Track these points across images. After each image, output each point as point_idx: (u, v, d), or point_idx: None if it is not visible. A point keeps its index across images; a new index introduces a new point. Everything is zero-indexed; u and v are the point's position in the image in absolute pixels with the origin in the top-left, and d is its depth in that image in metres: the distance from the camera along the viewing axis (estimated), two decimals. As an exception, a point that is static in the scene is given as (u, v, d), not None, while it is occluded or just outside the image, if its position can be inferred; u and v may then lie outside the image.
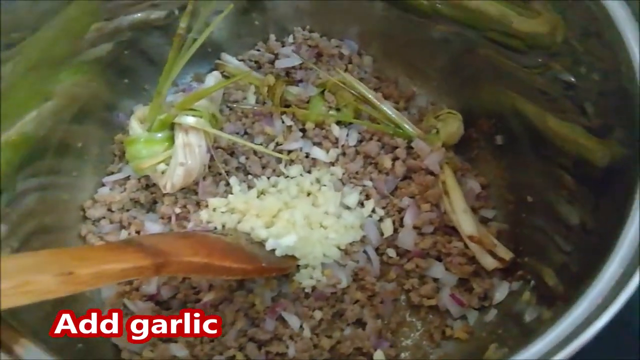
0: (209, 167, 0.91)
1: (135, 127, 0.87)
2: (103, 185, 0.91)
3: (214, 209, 0.88)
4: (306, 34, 1.03)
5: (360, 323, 0.81)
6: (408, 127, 0.92)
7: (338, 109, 0.95)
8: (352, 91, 0.93)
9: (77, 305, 0.77)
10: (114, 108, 0.95)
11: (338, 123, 0.95)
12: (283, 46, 1.03)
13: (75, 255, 0.49)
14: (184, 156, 0.84)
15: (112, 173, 0.92)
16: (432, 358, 0.80)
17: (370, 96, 0.92)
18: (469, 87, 0.93)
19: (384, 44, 1.02)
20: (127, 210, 0.90)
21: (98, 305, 0.81)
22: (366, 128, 0.94)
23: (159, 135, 0.86)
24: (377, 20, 1.00)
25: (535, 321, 0.67)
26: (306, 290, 0.81)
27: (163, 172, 0.85)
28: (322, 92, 0.96)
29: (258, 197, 0.89)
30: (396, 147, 0.92)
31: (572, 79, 0.73)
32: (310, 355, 0.77)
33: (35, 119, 0.78)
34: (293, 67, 1.01)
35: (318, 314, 0.80)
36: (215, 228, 0.85)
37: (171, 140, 0.86)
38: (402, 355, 0.80)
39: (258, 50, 1.04)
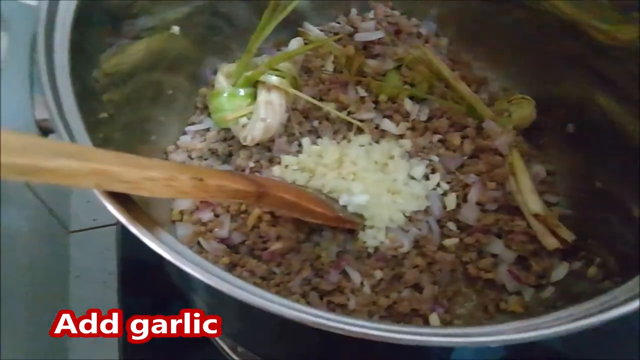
0: (285, 127, 0.95)
1: (222, 81, 0.92)
2: (185, 133, 0.97)
3: (286, 166, 0.92)
4: (387, 11, 1.07)
5: (417, 288, 0.84)
6: (481, 107, 0.94)
7: (412, 85, 0.99)
8: (430, 68, 0.96)
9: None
10: (200, 63, 1.01)
11: (411, 98, 0.98)
12: (363, 21, 1.07)
13: (201, 169, 0.54)
14: (265, 112, 0.89)
15: (194, 123, 0.98)
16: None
17: (447, 74, 0.95)
18: (548, 77, 0.94)
19: (462, 27, 1.05)
20: (205, 159, 0.95)
21: (174, 242, 0.88)
22: (438, 105, 0.97)
23: (243, 91, 0.91)
24: (458, 3, 1.03)
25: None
26: (369, 250, 0.85)
27: (244, 126, 0.91)
28: (399, 67, 0.99)
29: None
30: (466, 126, 0.95)
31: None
32: (368, 311, 0.81)
33: (137, 65, 0.84)
34: (371, 42, 1.04)
35: (378, 274, 0.83)
36: (287, 184, 0.90)
37: (252, 97, 0.92)
38: (456, 322, 0.83)
39: (338, 22, 1.08)
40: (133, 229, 0.46)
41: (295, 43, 0.98)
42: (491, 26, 1.01)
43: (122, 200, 0.49)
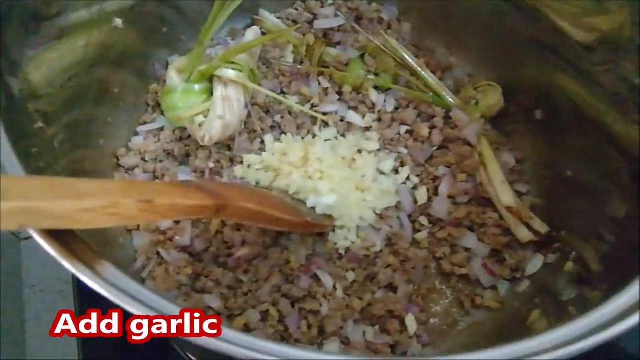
0: (245, 123, 0.90)
1: (174, 77, 0.85)
2: (137, 134, 0.90)
3: (249, 166, 0.87)
4: (347, -5, 1.02)
5: (391, 287, 0.81)
6: (447, 96, 0.91)
7: (377, 74, 0.94)
8: (393, 56, 0.92)
9: (113, 250, 0.77)
10: (149, 57, 0.93)
11: (376, 88, 0.94)
12: (322, 7, 1.01)
13: (150, 187, 0.48)
14: (222, 110, 0.83)
15: (146, 123, 0.91)
16: (462, 325, 0.81)
17: (411, 62, 0.91)
18: (512, 61, 0.92)
19: (425, 11, 1.01)
20: (161, 161, 0.89)
21: (130, 253, 0.81)
22: (404, 95, 0.93)
23: (197, 86, 0.85)
24: (420, -14, 0.99)
25: (576, 299, 0.67)
26: (340, 251, 0.82)
27: (201, 125, 0.84)
28: (362, 56, 0.95)
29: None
30: (434, 116, 0.92)
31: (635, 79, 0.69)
32: (342, 315, 0.77)
33: (74, 64, 0.76)
34: (331, 29, 0.99)
35: (351, 275, 0.80)
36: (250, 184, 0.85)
37: (208, 92, 0.85)
38: (432, 320, 0.81)
39: (296, 9, 1.03)
40: (67, 265, 0.40)
41: (251, 33, 0.92)
42: (454, 10, 0.98)
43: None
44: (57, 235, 0.42)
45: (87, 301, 0.98)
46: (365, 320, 0.79)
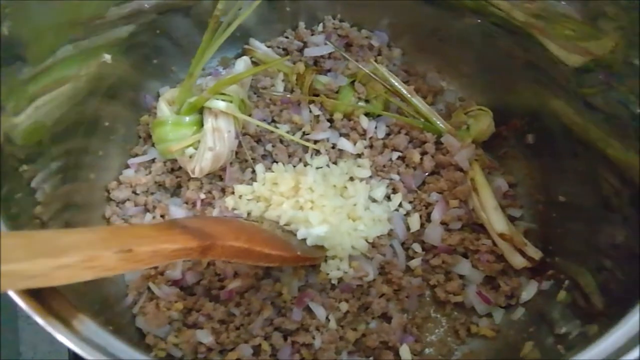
0: (236, 153, 0.90)
1: (164, 109, 0.86)
2: (128, 167, 0.90)
3: (240, 196, 0.87)
4: (336, 23, 1.02)
5: (385, 317, 0.81)
6: (438, 122, 0.91)
7: (367, 101, 0.95)
8: (383, 83, 0.92)
9: (103, 287, 0.76)
10: (140, 89, 0.94)
11: (367, 115, 0.94)
12: (312, 34, 1.02)
13: (132, 234, 0.48)
14: (212, 141, 0.83)
15: (137, 155, 0.91)
16: (457, 354, 0.80)
17: (401, 89, 0.91)
18: (503, 85, 0.92)
19: (415, 37, 1.01)
20: (152, 194, 0.89)
21: (122, 288, 0.81)
22: (395, 121, 0.93)
23: (187, 118, 0.85)
24: (409, 12, 0.99)
25: (574, 333, 0.65)
26: (333, 282, 0.81)
27: (191, 156, 0.84)
28: (352, 83, 0.95)
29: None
30: (425, 142, 0.91)
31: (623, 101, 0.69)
32: (335, 347, 0.76)
33: (63, 98, 0.76)
34: (322, 57, 0.99)
35: (344, 306, 0.79)
36: (241, 216, 0.85)
37: (199, 124, 0.85)
38: (427, 350, 0.80)
39: (287, 37, 1.03)
40: (42, 322, 0.40)
41: (241, 63, 0.92)
42: (445, 34, 0.98)
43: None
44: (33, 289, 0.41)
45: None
46: (359, 351, 0.78)
